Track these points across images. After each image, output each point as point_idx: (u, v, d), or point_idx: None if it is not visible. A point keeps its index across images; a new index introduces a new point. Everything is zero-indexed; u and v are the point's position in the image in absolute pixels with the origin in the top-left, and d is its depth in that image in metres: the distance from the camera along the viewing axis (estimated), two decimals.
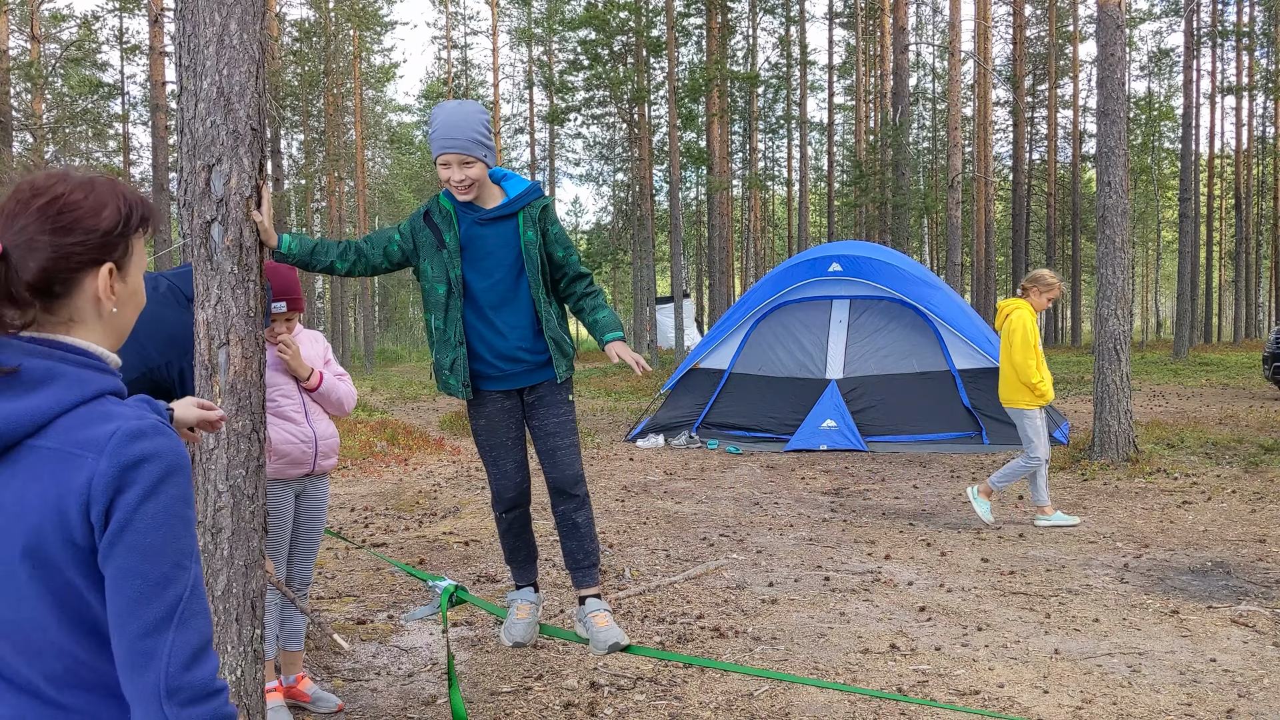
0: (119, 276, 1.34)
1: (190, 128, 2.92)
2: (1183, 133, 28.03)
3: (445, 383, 3.35)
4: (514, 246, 3.27)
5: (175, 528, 1.23)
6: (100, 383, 1.28)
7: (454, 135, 3.16)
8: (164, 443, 1.24)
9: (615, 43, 27.23)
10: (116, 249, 1.33)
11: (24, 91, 27.49)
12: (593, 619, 3.35)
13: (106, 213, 1.31)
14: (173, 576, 1.22)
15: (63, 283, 1.29)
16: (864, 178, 28.99)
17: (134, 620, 1.20)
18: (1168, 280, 52.94)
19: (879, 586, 5.62)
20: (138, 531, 1.21)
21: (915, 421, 11.16)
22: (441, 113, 3.21)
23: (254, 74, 2.95)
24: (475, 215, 3.26)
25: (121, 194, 1.35)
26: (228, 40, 2.88)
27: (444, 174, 3.19)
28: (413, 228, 3.30)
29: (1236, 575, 5.68)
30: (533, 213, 3.29)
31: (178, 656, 1.21)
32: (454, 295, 3.24)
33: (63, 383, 1.25)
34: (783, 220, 49.67)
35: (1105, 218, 9.56)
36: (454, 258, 3.23)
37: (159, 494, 1.23)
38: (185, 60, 2.93)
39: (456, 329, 3.26)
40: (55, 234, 1.28)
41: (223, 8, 2.88)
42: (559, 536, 3.50)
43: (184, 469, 1.26)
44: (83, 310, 1.32)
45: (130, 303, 1.38)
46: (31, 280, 1.26)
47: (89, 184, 1.33)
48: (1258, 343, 33.74)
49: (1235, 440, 10.47)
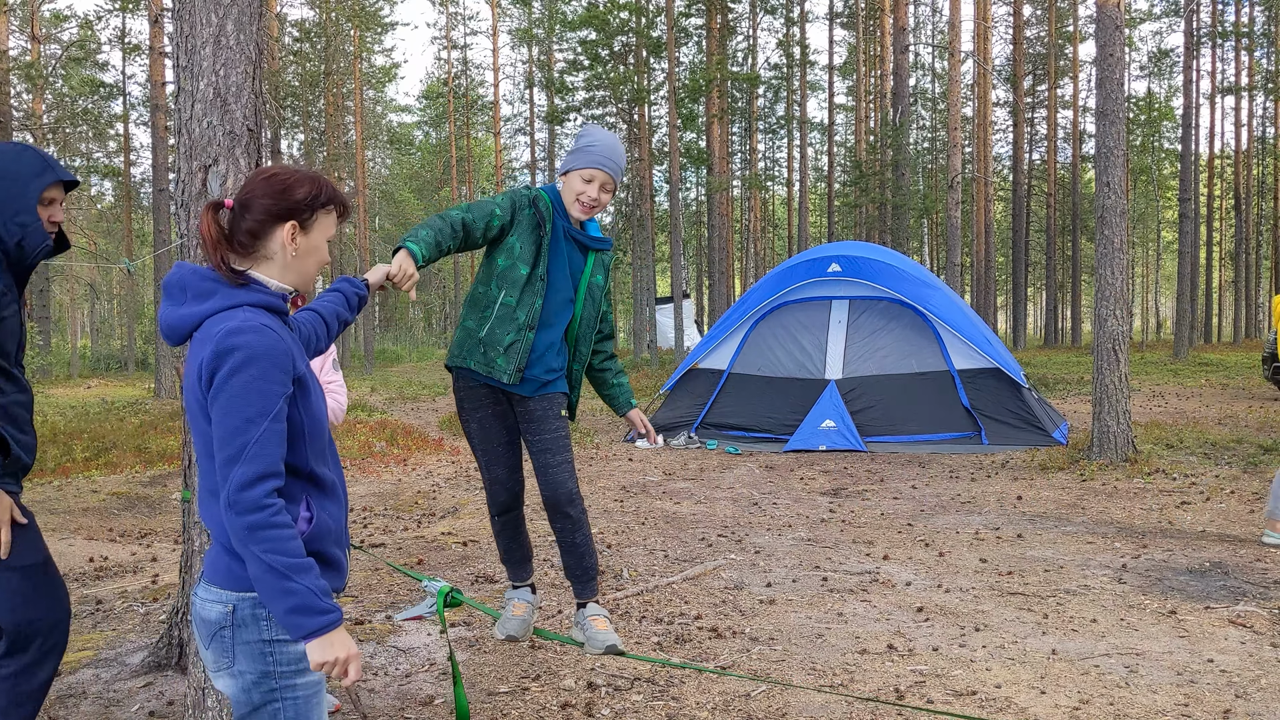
0: (301, 233, 1.99)
1: (187, 128, 2.92)
2: (1182, 133, 28.03)
3: (489, 360, 3.25)
4: (577, 279, 3.34)
5: (249, 397, 1.80)
6: (244, 297, 1.91)
7: (614, 159, 3.26)
8: (253, 338, 1.83)
9: (615, 43, 27.23)
10: (303, 213, 1.98)
11: (24, 91, 27.48)
12: (591, 622, 3.39)
13: (303, 188, 1.98)
14: (243, 428, 1.79)
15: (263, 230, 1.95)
16: (864, 178, 28.99)
17: (219, 454, 1.80)
18: (1167, 280, 52.92)
19: (877, 587, 5.62)
20: (223, 396, 1.80)
21: (914, 422, 11.16)
22: (599, 133, 3.30)
23: (251, 75, 2.95)
24: (568, 226, 3.30)
25: (318, 180, 2.01)
26: (224, 41, 2.88)
27: (581, 186, 3.23)
28: (514, 203, 3.25)
29: (1234, 576, 5.68)
30: (606, 260, 3.39)
31: (236, 481, 1.78)
32: (535, 281, 3.22)
33: (218, 296, 1.90)
34: (783, 220, 49.66)
35: (1104, 218, 9.56)
36: (547, 250, 3.25)
37: (241, 372, 1.80)
38: (182, 61, 2.93)
39: (532, 313, 3.22)
40: (268, 197, 1.95)
41: (219, 8, 2.88)
42: (559, 551, 3.53)
43: (267, 356, 1.83)
44: (273, 248, 1.98)
45: (310, 256, 2.03)
46: (248, 227, 1.94)
47: (297, 171, 2.02)
48: (1257, 343, 33.73)
49: (1234, 440, 10.47)
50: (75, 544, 7.01)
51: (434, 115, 48.83)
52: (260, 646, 1.91)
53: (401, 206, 47.52)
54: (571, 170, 3.26)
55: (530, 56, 41.34)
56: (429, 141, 49.95)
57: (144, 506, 8.52)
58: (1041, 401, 11.78)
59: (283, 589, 1.78)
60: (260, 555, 1.77)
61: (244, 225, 1.94)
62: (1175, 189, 38.84)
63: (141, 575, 6.13)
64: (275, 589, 1.79)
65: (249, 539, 1.77)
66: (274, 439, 1.81)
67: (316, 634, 1.82)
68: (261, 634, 1.91)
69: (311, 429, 1.96)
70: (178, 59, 3.00)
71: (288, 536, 1.80)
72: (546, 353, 3.30)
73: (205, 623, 1.94)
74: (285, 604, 1.79)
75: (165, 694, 4.02)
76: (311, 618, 1.81)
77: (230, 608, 1.91)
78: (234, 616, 1.90)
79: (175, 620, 4.27)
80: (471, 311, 3.31)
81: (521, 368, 3.23)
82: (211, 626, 1.92)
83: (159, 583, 5.89)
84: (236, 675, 1.93)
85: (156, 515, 8.20)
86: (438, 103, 47.78)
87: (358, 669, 1.88)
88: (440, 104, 47.11)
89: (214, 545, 1.95)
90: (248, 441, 1.78)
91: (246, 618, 1.90)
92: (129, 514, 8.23)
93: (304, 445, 1.94)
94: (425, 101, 50.12)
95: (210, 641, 1.94)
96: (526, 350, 3.22)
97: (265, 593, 1.80)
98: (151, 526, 7.75)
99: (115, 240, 39.90)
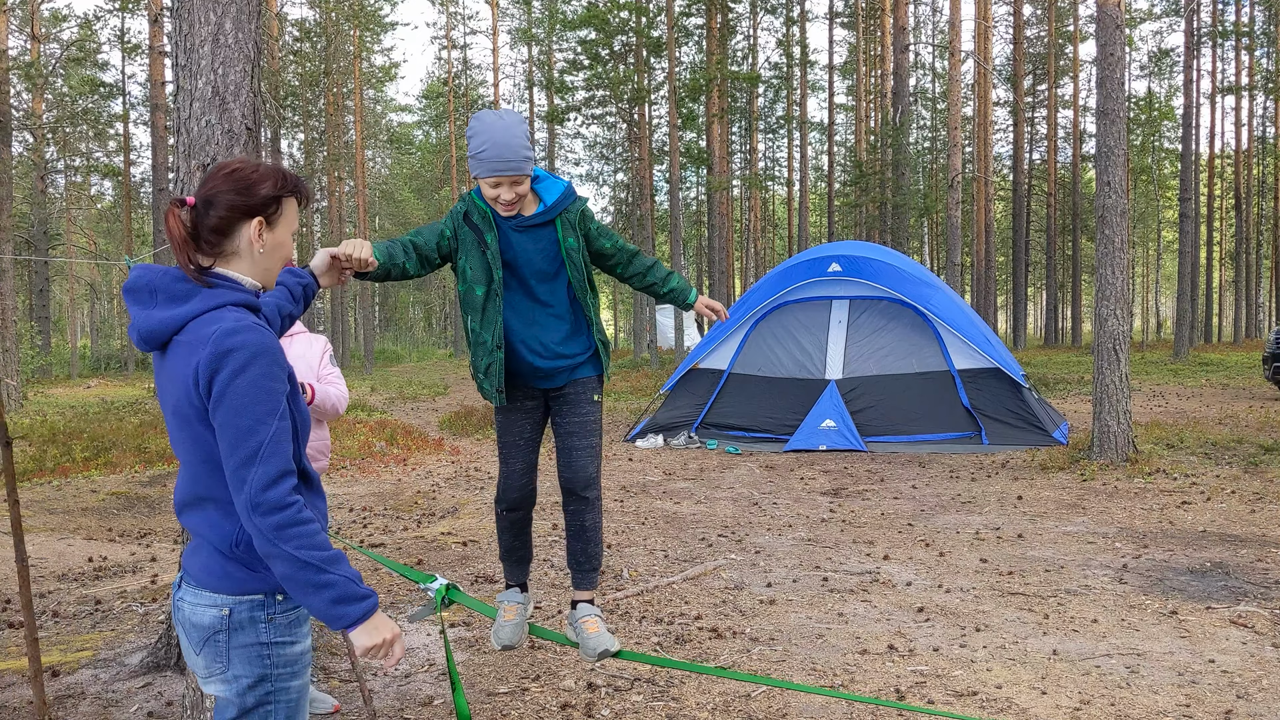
0: (268, 229, 1.95)
1: (186, 127, 2.91)
2: (1183, 132, 28.01)
3: (480, 386, 3.31)
4: (554, 252, 3.22)
5: (257, 396, 1.77)
6: (226, 296, 1.86)
7: (508, 157, 3.01)
8: (251, 336, 1.79)
9: (615, 42, 27.22)
10: (269, 208, 1.94)
11: (24, 91, 27.47)
12: (584, 624, 3.30)
13: (267, 183, 1.93)
14: (255, 429, 1.76)
15: (229, 227, 1.91)
16: (864, 178, 28.98)
17: (232, 457, 1.77)
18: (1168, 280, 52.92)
19: (877, 587, 5.61)
20: (229, 398, 1.76)
21: (914, 422, 11.15)
22: (486, 130, 3.02)
23: (249, 74, 2.94)
24: (514, 221, 3.18)
25: (280, 172, 1.97)
26: (223, 39, 2.87)
27: (491, 193, 3.08)
28: (454, 224, 3.18)
29: (1235, 576, 5.67)
30: (571, 218, 3.23)
31: (257, 482, 1.75)
32: (493, 298, 3.18)
33: (199, 298, 1.86)
34: (783, 220, 49.66)
35: (1104, 218, 9.55)
36: (496, 259, 3.16)
37: (245, 373, 1.77)
38: (181, 59, 2.92)
39: (495, 332, 3.19)
40: (232, 193, 1.90)
41: (218, 7, 2.87)
42: (566, 535, 3.44)
43: (267, 354, 1.80)
44: (239, 245, 1.93)
45: (276, 251, 1.98)
46: (212, 225, 1.89)
47: (259, 165, 1.96)
48: (1258, 343, 33.73)
49: (1235, 440, 10.46)
50: (74, 544, 7.00)
51: (434, 115, 48.83)
52: (258, 649, 1.89)
53: (401, 206, 47.53)
54: (476, 177, 3.10)
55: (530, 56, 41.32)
56: (429, 141, 49.95)
57: (143, 506, 8.51)
58: (1042, 401, 11.78)
59: (321, 582, 1.76)
60: (293, 552, 1.75)
61: (208, 223, 1.89)
62: (1175, 189, 38.84)
63: (140, 575, 6.12)
64: (312, 584, 1.77)
65: (278, 538, 1.75)
66: (285, 436, 1.80)
67: (360, 620, 1.81)
68: (259, 637, 1.89)
69: (302, 426, 1.95)
70: (176, 57, 2.99)
71: (314, 531, 1.78)
72: (555, 340, 3.25)
73: (197, 628, 1.90)
74: (326, 597, 1.77)
75: (164, 694, 4.01)
76: (354, 605, 1.79)
77: (226, 611, 1.88)
78: (229, 620, 1.88)
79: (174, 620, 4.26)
80: (466, 339, 3.34)
81: (501, 388, 3.23)
82: (204, 631, 1.90)
83: (158, 583, 5.88)
84: (231, 680, 1.90)
85: (155, 515, 8.19)
86: (438, 102, 47.79)
87: (402, 648, 1.88)
88: (440, 104, 47.10)
89: (202, 549, 1.91)
90: (263, 440, 1.75)
91: (243, 621, 1.88)
92: (128, 514, 8.22)
93: (297, 442, 1.92)
94: (425, 101, 50.11)
95: (202, 646, 1.91)
96: (500, 370, 3.21)
97: (301, 589, 1.77)
98: (151, 526, 7.74)
99: (115, 240, 39.89)
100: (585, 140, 41.77)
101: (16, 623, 5.10)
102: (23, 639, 4.85)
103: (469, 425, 14.00)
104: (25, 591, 3.14)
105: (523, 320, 3.23)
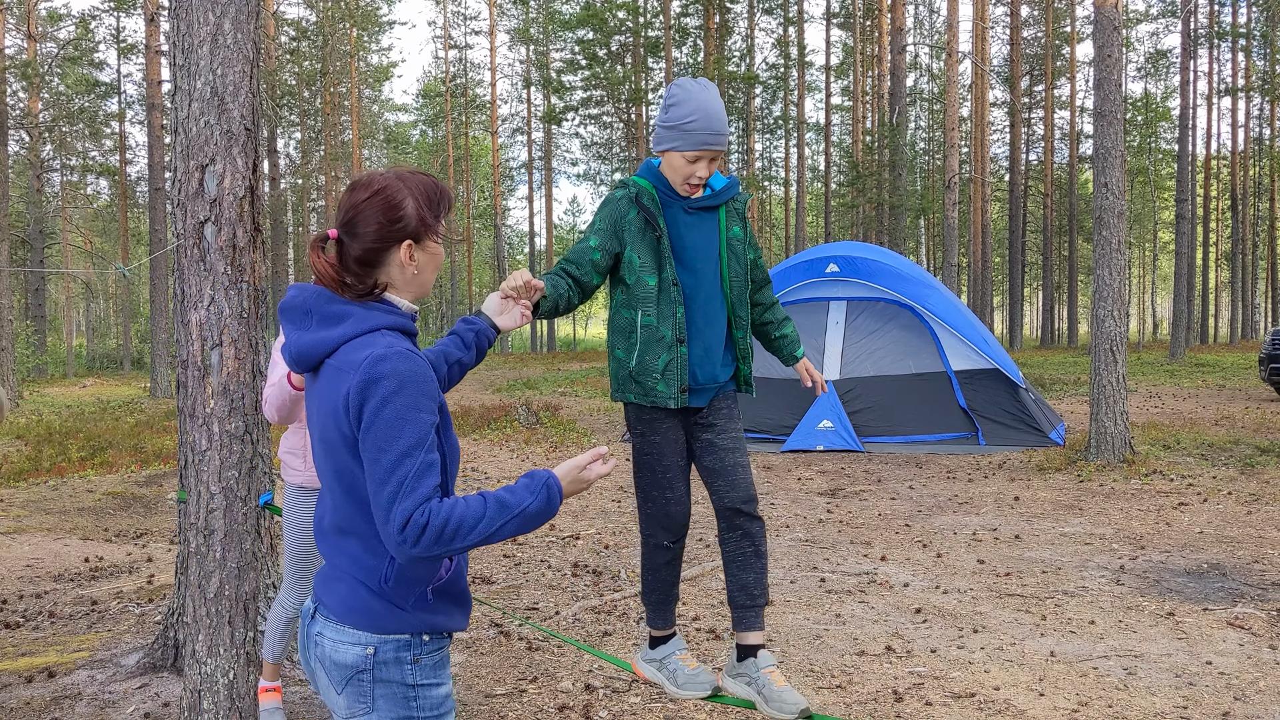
0: (418, 248, 1.84)
1: (184, 127, 2.90)
2: (1179, 134, 28.05)
3: (649, 390, 2.87)
4: (714, 241, 2.91)
5: (403, 428, 1.68)
6: (380, 320, 1.79)
7: (719, 129, 2.75)
8: (400, 364, 1.70)
9: (613, 42, 27.24)
10: (418, 230, 1.83)
11: (20, 90, 27.43)
12: (768, 675, 2.79)
13: (410, 203, 1.81)
14: (400, 463, 1.67)
15: (377, 258, 1.81)
16: (861, 178, 29.00)
17: (381, 490, 1.68)
18: (1164, 281, 53.00)
19: (875, 588, 5.61)
20: (376, 428, 1.68)
21: (912, 422, 11.16)
22: (692, 99, 2.75)
23: (248, 74, 2.93)
24: (682, 203, 2.87)
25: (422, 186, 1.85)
26: (221, 40, 2.86)
27: (687, 170, 2.78)
28: (613, 217, 2.85)
29: (1232, 577, 5.68)
30: (738, 206, 2.94)
31: (399, 519, 1.65)
32: (669, 288, 2.84)
33: (351, 320, 1.78)
34: (780, 221, 49.67)
35: (1101, 219, 9.56)
36: (668, 246, 2.85)
37: (392, 402, 1.68)
38: (179, 60, 2.92)
39: (676, 326, 2.83)
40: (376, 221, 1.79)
41: (217, 7, 2.86)
42: (728, 568, 2.94)
43: (416, 383, 1.71)
44: (391, 272, 1.83)
45: (429, 265, 1.88)
46: (358, 255, 1.79)
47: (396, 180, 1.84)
48: (1254, 344, 33.81)
49: (1231, 442, 10.48)
50: (71, 544, 6.98)
51: (431, 114, 48.81)
52: (404, 690, 1.82)
53: None
54: (672, 150, 2.79)
55: (528, 56, 41.33)
56: (426, 140, 49.92)
57: (140, 506, 8.50)
58: (1039, 402, 11.79)
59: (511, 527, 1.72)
60: (470, 544, 1.70)
61: (353, 254, 1.80)
62: (1172, 190, 38.92)
63: (137, 576, 6.11)
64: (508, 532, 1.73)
65: (448, 549, 1.69)
66: (431, 470, 1.70)
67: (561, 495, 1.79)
68: (405, 678, 1.82)
69: (451, 458, 1.86)
70: (174, 58, 2.98)
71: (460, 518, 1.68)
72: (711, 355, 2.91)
73: (339, 666, 1.81)
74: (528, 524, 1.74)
75: (161, 695, 4.00)
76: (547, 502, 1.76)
77: (371, 650, 1.80)
78: (374, 659, 1.80)
79: (171, 621, 4.25)
80: (617, 339, 2.92)
81: (686, 387, 2.86)
82: (347, 671, 1.81)
83: (154, 583, 5.87)
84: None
85: (152, 515, 8.17)
86: (435, 102, 47.76)
87: (600, 466, 1.85)
88: (438, 103, 47.08)
89: (345, 581, 1.82)
90: (406, 475, 1.67)
91: (389, 660, 1.80)
92: (125, 514, 8.21)
93: (445, 475, 1.83)
94: (423, 100, 50.08)
95: (344, 686, 1.82)
96: (684, 366, 2.85)
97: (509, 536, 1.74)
98: (147, 526, 7.73)
99: (111, 239, 39.86)
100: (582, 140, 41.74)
101: (14, 623, 5.09)
102: (19, 640, 4.84)
103: (465, 425, 13.99)
104: None
105: (700, 316, 2.90)
